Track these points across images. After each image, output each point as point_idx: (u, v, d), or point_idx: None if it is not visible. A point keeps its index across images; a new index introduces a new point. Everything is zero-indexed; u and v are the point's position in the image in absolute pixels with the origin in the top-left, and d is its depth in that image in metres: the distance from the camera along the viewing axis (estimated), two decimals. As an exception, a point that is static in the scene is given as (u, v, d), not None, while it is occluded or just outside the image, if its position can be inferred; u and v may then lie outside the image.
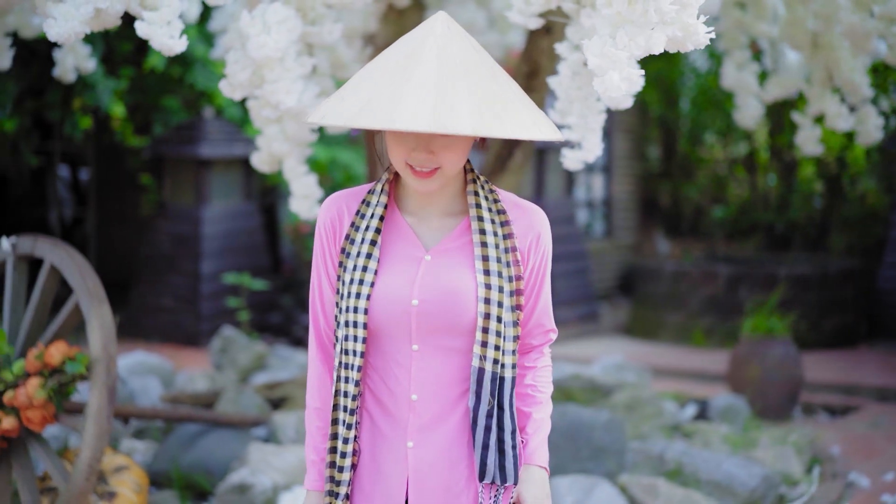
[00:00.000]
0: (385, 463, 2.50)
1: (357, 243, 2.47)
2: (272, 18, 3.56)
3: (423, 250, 2.48)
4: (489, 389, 2.42)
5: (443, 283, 2.43)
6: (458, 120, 2.14)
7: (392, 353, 2.48)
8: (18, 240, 4.72)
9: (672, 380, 9.00)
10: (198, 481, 5.49)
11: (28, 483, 4.47)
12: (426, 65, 2.24)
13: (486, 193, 2.50)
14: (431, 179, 2.37)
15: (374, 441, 2.51)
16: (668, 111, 14.69)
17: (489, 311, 2.41)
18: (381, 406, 2.51)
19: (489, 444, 2.43)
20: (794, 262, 11.75)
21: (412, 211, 2.52)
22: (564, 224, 11.78)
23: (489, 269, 2.42)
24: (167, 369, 7.79)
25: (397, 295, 2.44)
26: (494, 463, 2.44)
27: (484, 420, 2.43)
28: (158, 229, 10.90)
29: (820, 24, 5.57)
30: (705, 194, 14.89)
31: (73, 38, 3.42)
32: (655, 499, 5.22)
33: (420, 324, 2.44)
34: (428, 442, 2.48)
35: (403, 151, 2.36)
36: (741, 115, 6.60)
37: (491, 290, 2.41)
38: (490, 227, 2.45)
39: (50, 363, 4.44)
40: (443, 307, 2.43)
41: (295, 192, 4.71)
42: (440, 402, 2.48)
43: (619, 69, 2.37)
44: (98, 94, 9.46)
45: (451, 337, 2.45)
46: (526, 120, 2.24)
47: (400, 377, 2.47)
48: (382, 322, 2.45)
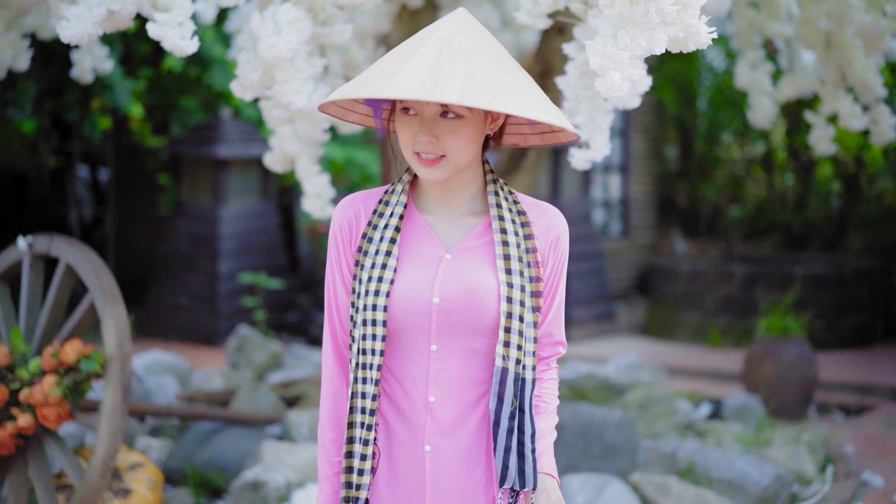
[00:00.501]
0: (401, 468, 2.45)
1: (375, 242, 2.44)
2: (283, 19, 3.59)
3: (443, 249, 2.45)
4: (512, 391, 2.38)
5: (464, 281, 2.40)
6: (448, 90, 2.13)
7: (409, 353, 2.43)
8: (35, 239, 4.76)
9: (687, 379, 9.00)
10: (212, 478, 5.53)
11: (44, 480, 4.51)
12: (429, 48, 2.24)
13: (506, 194, 2.48)
14: (436, 167, 2.35)
15: (390, 445, 2.46)
16: (685, 111, 14.68)
17: (511, 310, 2.38)
18: (397, 409, 2.45)
19: (511, 447, 2.38)
20: (810, 262, 11.74)
21: (431, 210, 2.49)
22: (580, 224, 11.78)
23: (511, 268, 2.40)
24: (183, 368, 7.85)
25: (418, 293, 2.40)
26: (515, 467, 2.39)
27: (506, 422, 2.38)
28: (176, 229, 10.97)
29: (832, 23, 5.57)
30: (723, 194, 14.87)
31: (86, 39, 3.45)
32: (667, 497, 5.23)
33: (440, 322, 2.40)
34: (446, 446, 2.43)
35: (409, 137, 2.35)
36: (755, 114, 6.60)
37: (513, 289, 2.38)
38: (511, 226, 2.43)
39: (65, 361, 4.48)
40: (464, 306, 2.39)
41: (307, 191, 4.74)
42: (459, 404, 2.43)
43: (621, 69, 2.39)
44: (116, 94, 9.52)
45: (470, 337, 2.41)
46: (525, 101, 2.22)
47: (417, 379, 2.43)
48: (402, 320, 2.41)
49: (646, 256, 13.99)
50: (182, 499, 5.31)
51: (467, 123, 2.34)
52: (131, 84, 9.73)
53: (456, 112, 2.32)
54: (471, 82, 2.17)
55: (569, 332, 11.12)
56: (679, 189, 15.03)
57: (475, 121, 2.36)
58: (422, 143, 2.33)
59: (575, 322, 11.13)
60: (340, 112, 2.57)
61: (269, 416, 6.03)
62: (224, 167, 10.60)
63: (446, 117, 2.32)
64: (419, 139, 2.33)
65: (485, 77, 2.20)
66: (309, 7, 3.74)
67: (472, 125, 2.35)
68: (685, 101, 14.60)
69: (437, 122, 2.33)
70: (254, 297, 9.98)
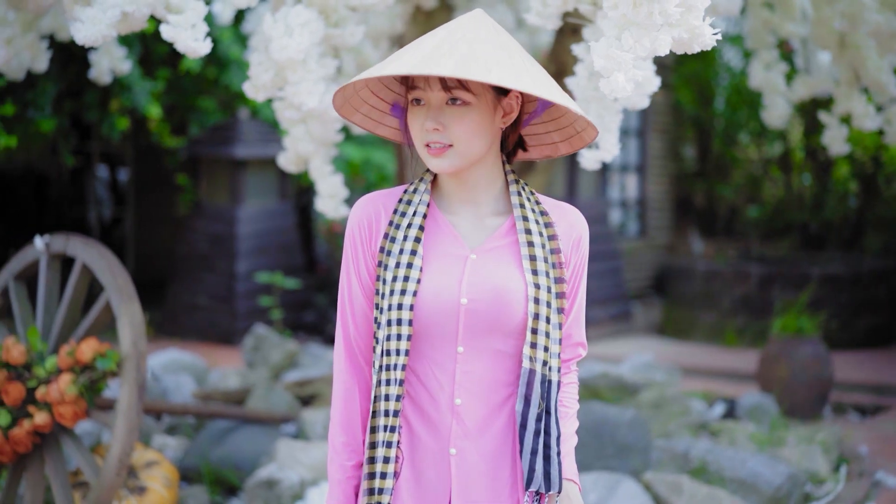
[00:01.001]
0: (426, 472, 2.41)
1: (399, 241, 2.40)
2: (295, 21, 3.62)
3: (468, 249, 2.42)
4: (539, 392, 2.36)
5: (492, 282, 2.37)
6: (443, 65, 2.14)
7: (434, 355, 2.40)
8: (51, 239, 4.81)
9: (703, 379, 9.01)
10: (227, 476, 5.58)
11: (60, 478, 4.55)
12: (434, 36, 2.27)
13: (528, 195, 2.46)
14: (444, 157, 2.33)
15: (413, 449, 2.42)
16: (702, 111, 14.67)
17: (538, 311, 2.36)
18: (421, 412, 2.42)
19: (538, 449, 2.36)
20: (827, 262, 11.72)
21: (453, 210, 2.47)
22: (597, 223, 11.79)
23: (537, 269, 2.38)
24: (200, 367, 7.90)
25: (445, 294, 2.37)
26: (541, 470, 2.36)
27: (533, 424, 2.35)
28: (194, 229, 11.03)
29: (846, 23, 5.57)
30: (740, 194, 14.86)
31: (101, 41, 3.49)
32: (679, 496, 5.24)
33: (467, 324, 2.37)
34: (472, 449, 2.40)
35: (419, 128, 2.34)
36: (769, 114, 6.60)
37: (540, 289, 2.36)
38: (535, 227, 2.41)
39: (81, 360, 4.52)
40: (492, 307, 2.36)
41: (321, 191, 4.77)
42: (485, 406, 2.40)
43: (625, 70, 2.41)
44: (135, 95, 9.58)
45: (497, 338, 2.38)
46: (524, 78, 2.20)
47: (443, 381, 2.40)
48: (428, 322, 2.37)
49: (663, 256, 13.99)
50: (197, 496, 5.35)
51: (474, 111, 2.32)
52: (150, 85, 9.78)
53: (462, 98, 2.30)
54: (467, 59, 2.17)
55: (586, 331, 11.14)
56: (696, 189, 15.01)
57: (482, 109, 2.33)
58: (429, 131, 2.32)
59: (591, 322, 11.14)
60: (370, 124, 2.57)
61: (284, 414, 6.07)
62: (242, 167, 10.67)
63: (453, 105, 2.31)
64: (426, 126, 2.32)
65: (483, 55, 2.19)
66: (321, 9, 3.77)
67: (478, 113, 2.33)
68: (703, 101, 14.59)
69: (444, 110, 2.31)
70: (270, 297, 10.03)
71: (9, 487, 4.73)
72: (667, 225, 14.55)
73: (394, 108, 2.55)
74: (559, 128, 2.51)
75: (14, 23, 4.62)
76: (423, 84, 2.32)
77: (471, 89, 2.30)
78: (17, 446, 4.55)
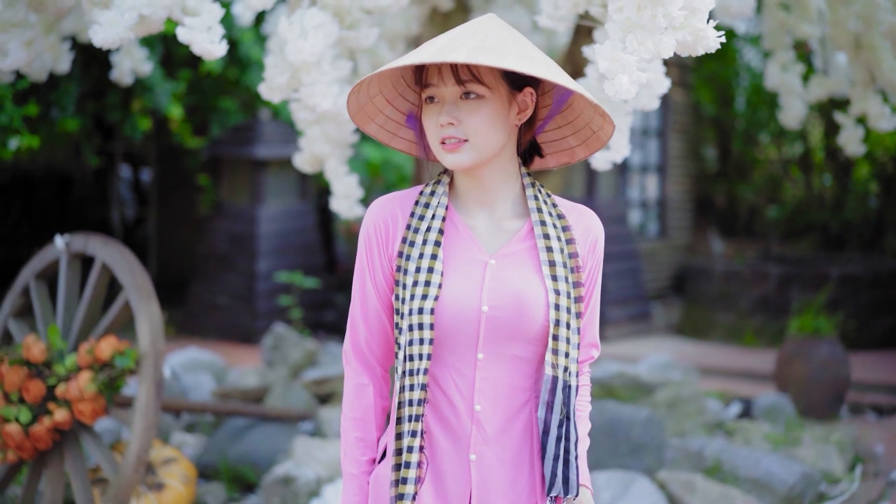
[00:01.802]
0: (446, 477, 2.41)
1: (418, 245, 2.39)
2: (309, 23, 3.67)
3: (487, 254, 2.40)
4: (562, 399, 2.36)
5: (513, 288, 2.36)
6: (456, 53, 2.17)
7: (454, 362, 2.39)
8: (71, 238, 4.88)
9: (720, 379, 9.01)
10: (244, 474, 5.64)
11: (80, 474, 4.61)
12: (449, 34, 2.29)
13: (545, 198, 2.45)
14: (459, 152, 2.32)
15: (434, 454, 2.41)
16: (722, 111, 14.66)
17: (559, 317, 2.35)
18: (441, 418, 2.41)
19: (559, 454, 2.36)
20: (846, 263, 11.70)
21: (470, 214, 2.45)
22: (616, 224, 11.81)
23: (556, 274, 2.37)
24: (220, 366, 7.97)
25: (466, 301, 2.36)
26: (562, 475, 2.36)
27: (556, 430, 2.35)
28: (215, 229, 11.10)
29: (861, 24, 5.58)
30: (760, 194, 14.84)
31: (118, 43, 3.54)
32: (693, 495, 5.27)
33: (489, 331, 2.37)
34: (491, 455, 2.40)
35: (434, 126, 2.34)
36: (785, 115, 6.61)
37: (560, 295, 2.35)
38: (553, 231, 2.40)
39: (100, 357, 4.59)
40: (514, 314, 2.35)
41: (336, 191, 4.81)
42: (504, 412, 2.40)
43: (629, 72, 2.45)
44: (156, 96, 9.66)
45: (517, 345, 2.38)
46: (537, 65, 2.23)
47: (462, 387, 2.39)
48: (449, 328, 2.37)
49: (683, 257, 13.99)
50: (215, 493, 5.41)
51: (488, 104, 2.32)
52: (171, 85, 9.86)
53: (476, 92, 2.30)
54: (481, 49, 2.19)
55: (603, 331, 11.15)
56: (717, 189, 15.00)
57: (497, 103, 2.33)
58: (444, 128, 2.32)
59: (610, 322, 11.16)
60: (384, 136, 2.58)
61: (302, 412, 6.12)
62: (262, 168, 10.73)
63: (466, 99, 2.32)
64: (441, 121, 2.32)
65: (496, 45, 2.22)
66: (335, 11, 3.82)
67: (493, 106, 2.33)
68: (723, 101, 14.58)
69: (458, 105, 2.32)
70: (290, 297, 10.09)
71: (29, 484, 4.80)
72: (687, 225, 14.55)
73: (409, 119, 2.55)
74: (575, 130, 2.51)
75: (35, 25, 4.68)
76: (437, 80, 2.33)
77: (484, 82, 2.31)
78: (38, 443, 4.61)
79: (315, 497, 5.18)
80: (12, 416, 4.58)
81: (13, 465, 4.89)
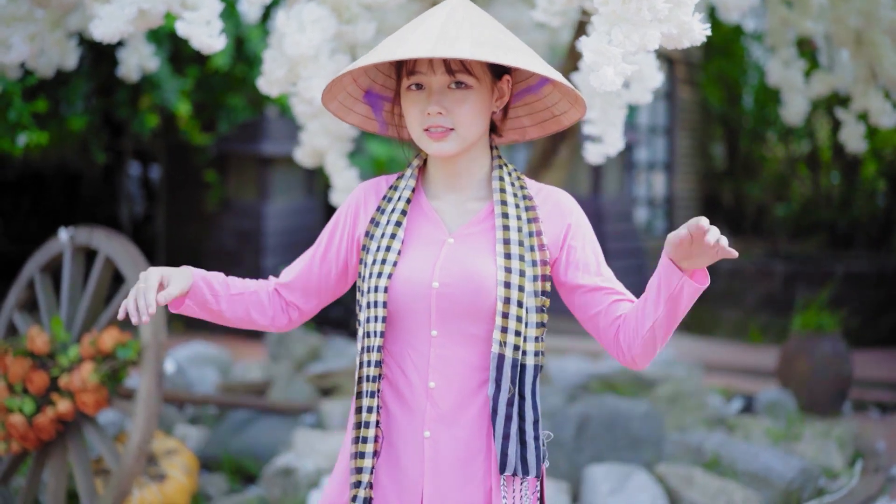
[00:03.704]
0: (401, 454, 2.44)
1: (382, 226, 2.45)
2: (307, 18, 3.71)
3: (447, 233, 2.45)
4: (509, 376, 2.35)
5: (464, 266, 2.39)
6: (460, 48, 2.20)
7: (410, 339, 2.43)
8: (75, 231, 4.93)
9: (724, 375, 9.03)
10: (246, 465, 5.68)
11: (83, 465, 4.66)
12: (435, 20, 2.31)
13: (513, 180, 2.48)
14: (446, 141, 2.36)
15: (390, 431, 2.45)
16: (730, 109, 14.67)
17: (510, 295, 2.35)
18: (398, 394, 2.44)
19: (510, 433, 2.35)
20: (852, 260, 11.71)
21: (439, 195, 2.51)
22: (621, 221, 11.83)
23: (511, 252, 2.38)
24: (225, 360, 8.03)
25: (417, 277, 2.40)
26: (516, 454, 2.36)
27: (504, 409, 2.35)
28: (222, 225, 11.16)
29: (862, 21, 5.60)
30: (768, 192, 14.85)
31: (118, 37, 3.59)
32: (691, 488, 5.29)
33: (440, 307, 2.39)
34: (446, 432, 2.41)
35: (418, 113, 2.38)
36: (787, 111, 6.63)
37: (511, 273, 2.35)
38: (514, 210, 2.42)
39: (102, 349, 4.64)
40: (463, 291, 2.37)
41: (336, 185, 4.85)
42: (459, 390, 2.41)
43: (614, 64, 2.48)
44: (164, 92, 9.71)
45: (470, 322, 2.39)
46: (535, 61, 2.27)
47: (418, 364, 2.42)
48: (402, 305, 2.41)
49: (690, 255, 13.96)
50: (217, 484, 5.46)
51: (475, 94, 2.36)
52: (179, 82, 9.90)
53: (465, 82, 2.35)
54: (480, 42, 2.23)
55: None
56: (724, 187, 15.01)
57: (482, 92, 2.38)
58: (431, 116, 2.36)
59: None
60: (341, 110, 2.60)
61: (302, 405, 6.16)
62: (269, 164, 10.79)
63: (454, 88, 2.36)
64: (429, 111, 2.35)
65: (492, 39, 2.26)
66: (333, 6, 3.85)
67: (479, 96, 2.37)
68: (730, 99, 14.59)
69: (446, 94, 2.36)
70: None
71: (33, 474, 4.85)
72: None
73: (367, 95, 2.59)
74: (531, 112, 2.57)
75: (41, 20, 4.73)
76: (426, 69, 2.36)
77: (474, 73, 2.35)
78: (41, 433, 4.66)
79: (315, 488, 5.22)
80: (16, 406, 4.63)
81: (17, 455, 4.94)
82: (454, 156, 2.44)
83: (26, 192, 13.94)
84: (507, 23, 6.24)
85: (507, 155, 13.49)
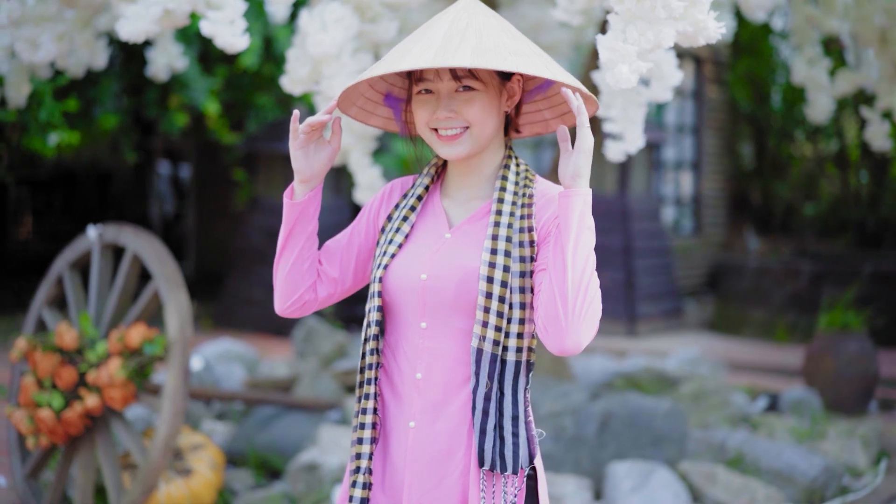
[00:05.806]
0: (391, 443, 2.47)
1: (393, 220, 2.52)
2: (330, 17, 3.76)
3: (447, 228, 2.49)
4: (487, 371, 2.34)
5: (454, 260, 2.41)
6: (460, 56, 2.21)
7: (404, 330, 2.47)
8: (104, 229, 4.99)
9: (750, 374, 9.03)
10: (271, 461, 5.73)
11: (110, 459, 4.72)
12: (438, 29, 2.34)
13: (519, 179, 2.48)
14: (458, 142, 2.39)
15: (384, 419, 2.49)
16: (758, 108, 14.63)
17: (491, 290, 2.34)
18: (391, 384, 2.49)
19: (486, 428, 2.35)
20: (879, 259, 11.66)
21: (450, 194, 2.54)
22: (648, 220, 11.82)
23: (496, 248, 2.36)
24: (251, 357, 8.09)
25: (409, 269, 2.44)
26: (493, 449, 2.35)
27: (482, 403, 2.35)
28: (251, 223, 11.24)
29: (886, 19, 5.60)
30: (796, 191, 14.80)
31: (144, 36, 3.65)
32: (714, 486, 5.30)
33: (427, 300, 2.42)
34: (430, 424, 2.42)
35: (426, 116, 2.41)
36: (812, 110, 6.63)
37: (495, 268, 2.34)
38: (508, 207, 2.41)
39: (130, 345, 4.70)
40: (448, 284, 2.39)
41: (359, 183, 4.89)
42: (445, 383, 2.42)
43: (629, 62, 2.51)
44: (193, 92, 9.80)
45: (457, 316, 2.40)
46: (536, 62, 2.28)
47: (409, 355, 2.45)
48: (395, 295, 2.45)
49: (718, 254, 13.97)
50: (243, 479, 5.51)
51: (483, 96, 2.39)
52: (208, 82, 9.99)
53: (471, 86, 2.37)
54: (481, 49, 2.25)
55: (635, 327, 11.18)
56: (753, 186, 14.97)
57: (490, 93, 2.40)
58: (441, 119, 2.39)
59: (641, 317, 11.18)
60: (362, 115, 2.65)
61: (328, 401, 6.21)
62: (297, 163, 10.84)
63: (462, 91, 2.38)
64: (438, 115, 2.38)
65: (495, 44, 2.28)
66: (356, 5, 3.90)
67: (487, 98, 2.40)
68: (758, 98, 14.55)
69: (454, 97, 2.38)
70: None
71: (61, 468, 4.92)
72: (722, 222, 14.53)
73: (387, 98, 2.63)
74: (551, 105, 2.58)
75: (70, 20, 4.79)
76: (433, 76, 2.39)
77: (480, 78, 2.38)
78: (70, 428, 4.73)
79: (339, 483, 5.26)
80: (45, 401, 4.70)
81: (46, 450, 5.02)
82: (467, 157, 2.46)
83: (58, 191, 14.08)
84: (531, 22, 6.27)
85: (535, 155, 13.52)
